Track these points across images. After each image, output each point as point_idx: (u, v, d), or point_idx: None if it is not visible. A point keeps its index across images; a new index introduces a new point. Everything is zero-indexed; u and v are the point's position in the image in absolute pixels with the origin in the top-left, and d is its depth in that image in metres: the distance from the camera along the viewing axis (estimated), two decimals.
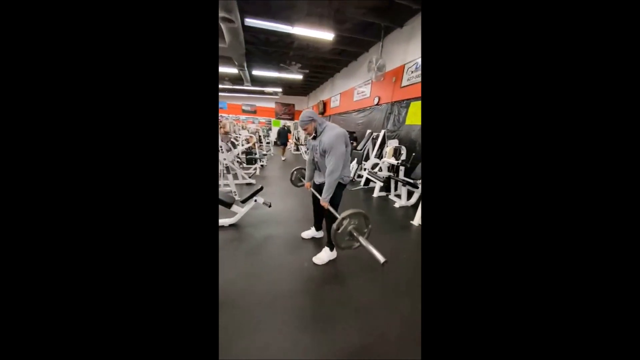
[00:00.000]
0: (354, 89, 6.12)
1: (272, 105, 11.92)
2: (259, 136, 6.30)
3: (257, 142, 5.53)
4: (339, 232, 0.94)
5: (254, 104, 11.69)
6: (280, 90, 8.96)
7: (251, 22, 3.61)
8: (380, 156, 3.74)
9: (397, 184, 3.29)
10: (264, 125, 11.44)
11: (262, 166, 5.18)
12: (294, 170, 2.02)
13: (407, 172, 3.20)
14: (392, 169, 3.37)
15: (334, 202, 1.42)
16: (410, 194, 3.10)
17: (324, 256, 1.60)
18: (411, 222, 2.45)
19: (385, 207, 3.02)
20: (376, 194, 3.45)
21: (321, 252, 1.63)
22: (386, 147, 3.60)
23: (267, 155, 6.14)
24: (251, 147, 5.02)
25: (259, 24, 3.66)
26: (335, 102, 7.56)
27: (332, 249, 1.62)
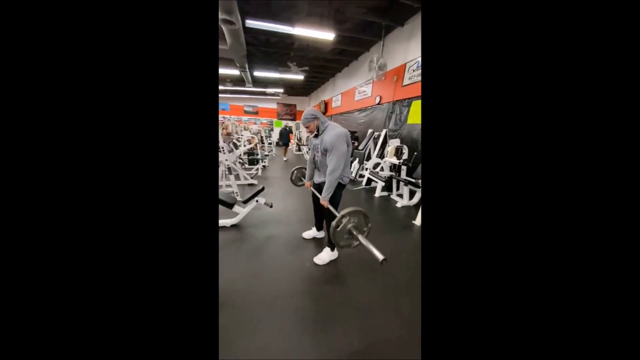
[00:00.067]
0: (355, 88, 6.12)
1: (274, 106, 12.01)
2: (260, 137, 6.33)
3: (259, 143, 5.56)
4: (338, 229, 0.93)
5: (256, 105, 11.78)
6: (281, 90, 8.99)
7: (252, 23, 3.63)
8: (381, 156, 3.72)
9: (399, 183, 3.28)
10: (265, 125, 11.51)
11: (264, 167, 5.20)
12: (294, 169, 2.02)
13: (409, 171, 3.18)
14: (394, 168, 3.35)
15: (333, 201, 1.42)
16: (412, 194, 3.08)
17: (325, 256, 1.60)
18: (413, 222, 2.44)
19: (387, 207, 3.00)
20: (378, 193, 3.43)
21: (322, 252, 1.63)
22: (388, 146, 3.58)
23: (269, 155, 6.17)
24: (253, 147, 5.04)
25: (259, 25, 3.68)
26: (336, 102, 7.57)
27: (333, 249, 1.62)
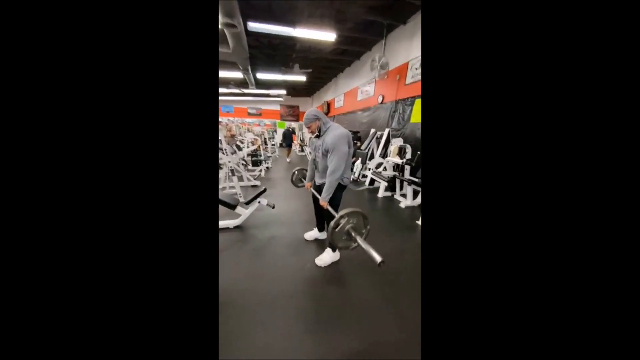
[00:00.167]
0: (357, 88, 6.09)
1: (277, 107, 12.10)
2: (264, 138, 6.37)
3: (262, 144, 5.59)
4: (337, 230, 0.93)
5: (260, 106, 11.89)
6: (284, 92, 9.03)
7: (254, 26, 3.66)
8: (384, 155, 3.69)
9: (403, 183, 3.24)
10: (269, 127, 11.60)
11: (267, 168, 5.23)
12: (295, 170, 2.02)
13: (413, 171, 3.13)
14: (397, 168, 3.31)
15: (333, 203, 1.41)
16: (415, 194, 3.04)
17: (327, 257, 1.59)
18: (417, 222, 2.41)
19: (390, 207, 2.98)
20: (381, 194, 3.40)
21: (323, 254, 1.62)
22: (391, 145, 3.54)
23: (272, 157, 6.20)
24: (256, 149, 5.08)
25: (261, 28, 3.71)
26: (339, 102, 7.55)
27: (334, 250, 1.61)
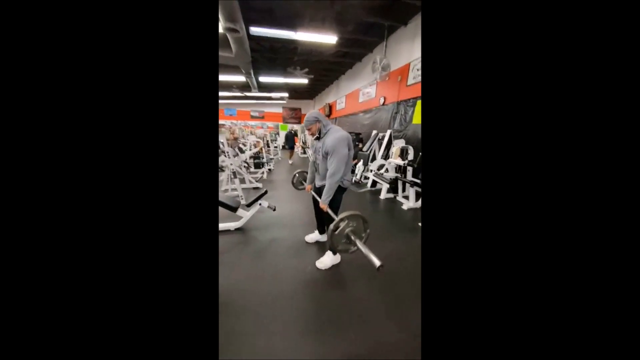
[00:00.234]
0: (359, 90, 6.10)
1: (280, 110, 12.19)
2: (266, 141, 6.41)
3: (265, 147, 5.63)
4: (336, 233, 0.92)
5: (262, 109, 12.00)
6: (286, 95, 9.10)
7: (256, 30, 3.71)
8: (386, 157, 3.67)
9: (405, 185, 3.21)
10: (272, 130, 11.67)
11: (269, 170, 5.25)
12: (296, 172, 2.03)
13: (415, 172, 3.11)
14: (399, 169, 3.29)
15: (333, 206, 1.41)
16: (418, 196, 3.01)
17: (327, 260, 1.58)
18: (419, 224, 2.38)
19: (392, 209, 2.95)
20: (383, 195, 3.38)
21: (324, 257, 1.61)
22: (392, 147, 3.53)
23: (274, 159, 6.22)
24: (258, 151, 5.11)
25: (263, 32, 3.76)
26: (341, 105, 7.57)
27: (335, 253, 1.60)
